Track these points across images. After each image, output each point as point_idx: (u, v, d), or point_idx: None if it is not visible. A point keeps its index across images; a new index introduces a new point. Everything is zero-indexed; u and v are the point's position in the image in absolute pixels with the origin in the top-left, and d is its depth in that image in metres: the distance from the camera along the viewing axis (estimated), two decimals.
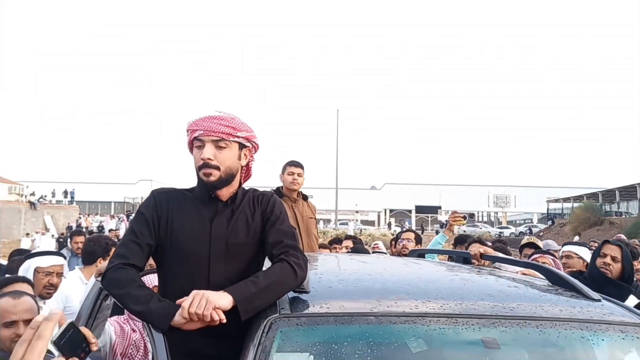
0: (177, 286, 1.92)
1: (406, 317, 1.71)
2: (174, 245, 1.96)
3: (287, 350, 1.63)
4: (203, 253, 1.94)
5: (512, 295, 1.96)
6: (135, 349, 2.28)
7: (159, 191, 2.06)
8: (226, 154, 1.97)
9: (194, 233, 1.96)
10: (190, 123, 1.99)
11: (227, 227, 1.98)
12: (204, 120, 1.96)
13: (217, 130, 1.95)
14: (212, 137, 1.95)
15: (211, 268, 1.93)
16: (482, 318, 1.73)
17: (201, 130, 1.95)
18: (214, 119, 1.96)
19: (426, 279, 2.20)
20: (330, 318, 1.70)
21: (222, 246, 1.95)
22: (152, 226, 1.97)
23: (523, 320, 1.75)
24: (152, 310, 1.77)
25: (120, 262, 1.89)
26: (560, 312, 1.85)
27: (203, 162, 1.95)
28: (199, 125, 1.96)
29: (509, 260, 2.90)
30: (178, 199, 2.03)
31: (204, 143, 1.96)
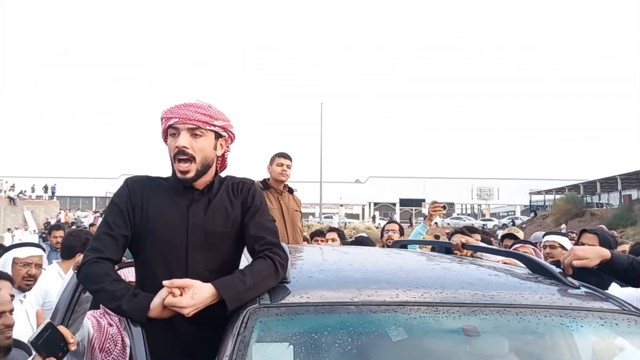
0: (155, 277, 1.88)
1: (387, 306, 1.70)
2: (150, 235, 1.92)
3: (266, 341, 1.62)
4: (180, 242, 1.91)
5: (492, 284, 1.97)
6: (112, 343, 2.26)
7: (132, 179, 2.01)
8: (202, 143, 1.92)
9: (171, 222, 1.92)
10: (165, 111, 1.95)
11: (205, 216, 1.94)
12: (180, 107, 1.92)
13: (193, 118, 1.90)
14: (188, 125, 1.90)
15: (189, 258, 1.90)
16: (463, 306, 1.74)
17: (176, 117, 1.90)
18: (190, 107, 1.92)
19: (407, 268, 2.20)
20: (311, 308, 1.69)
21: (200, 235, 1.92)
22: (126, 216, 1.92)
23: (503, 308, 1.76)
24: (128, 304, 1.75)
25: (95, 256, 1.85)
26: (540, 300, 1.86)
27: (178, 150, 1.90)
28: (174, 112, 1.91)
29: (490, 249, 2.91)
30: (153, 187, 1.98)
31: (179, 131, 1.91)
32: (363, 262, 2.31)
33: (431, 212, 4.08)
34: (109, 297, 1.79)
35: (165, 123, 1.95)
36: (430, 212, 4.09)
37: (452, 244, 2.95)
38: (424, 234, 4.02)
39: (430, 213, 4.09)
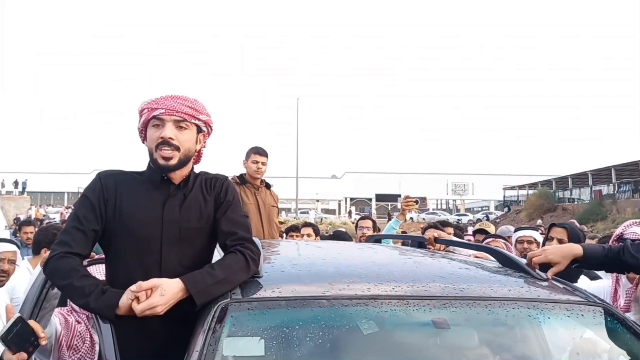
0: (128, 273, 1.86)
1: (358, 299, 1.71)
2: (123, 231, 1.90)
3: (238, 335, 1.62)
4: (155, 238, 1.88)
5: (462, 277, 2.00)
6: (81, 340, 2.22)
7: (105, 173, 1.98)
8: (186, 135, 1.93)
9: (145, 217, 1.89)
10: (149, 101, 1.93)
11: (180, 211, 1.92)
12: (167, 99, 1.91)
13: (180, 110, 1.90)
14: (174, 117, 1.89)
15: (163, 254, 1.88)
16: (433, 299, 1.76)
17: (163, 108, 1.89)
18: (177, 99, 1.91)
19: (379, 262, 2.21)
20: (282, 302, 1.69)
21: (174, 231, 1.90)
22: (97, 211, 1.89)
23: (473, 300, 1.78)
24: (96, 301, 1.73)
25: (63, 251, 1.82)
26: (508, 292, 1.90)
27: (162, 140, 1.88)
28: (161, 103, 1.90)
29: (462, 243, 2.95)
30: (127, 181, 1.96)
31: (164, 122, 1.89)
32: (335, 256, 2.32)
33: (404, 207, 4.11)
34: (77, 293, 1.76)
35: (148, 113, 1.91)
36: (402, 206, 4.13)
37: (424, 238, 2.98)
38: (397, 229, 4.05)
39: (403, 208, 4.12)
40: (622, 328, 1.84)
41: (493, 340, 1.83)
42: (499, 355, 1.78)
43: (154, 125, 1.91)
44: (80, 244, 1.86)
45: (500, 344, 1.83)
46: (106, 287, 1.79)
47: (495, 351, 1.79)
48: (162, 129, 1.90)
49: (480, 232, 4.98)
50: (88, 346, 2.19)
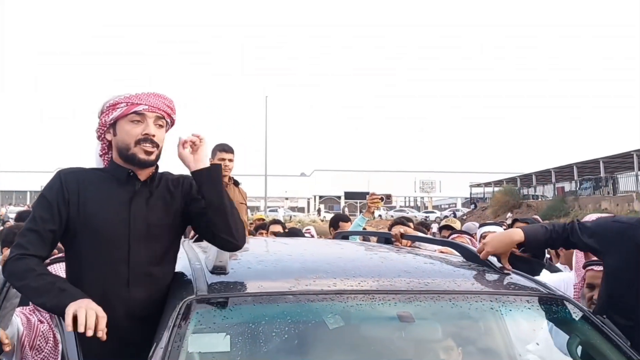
0: (94, 272, 1.84)
1: (324, 294, 1.72)
2: (89, 229, 1.85)
3: (203, 332, 1.62)
4: (122, 236, 1.85)
5: (427, 272, 2.03)
6: (44, 340, 2.18)
7: (66, 171, 1.93)
8: (162, 134, 1.94)
9: (112, 215, 1.86)
10: (127, 95, 1.90)
11: (147, 208, 1.90)
12: (149, 96, 1.90)
13: (162, 109, 1.91)
14: (156, 114, 1.90)
15: (131, 251, 1.86)
16: (398, 294, 1.78)
17: (146, 105, 1.88)
18: (158, 97, 1.92)
19: (346, 258, 2.23)
20: (248, 298, 1.70)
21: (142, 228, 1.88)
22: (56, 210, 1.84)
23: (437, 294, 1.81)
24: (52, 301, 1.70)
25: (19, 253, 1.78)
26: (471, 286, 1.94)
27: (145, 137, 1.87)
28: (143, 99, 1.89)
29: (427, 239, 2.99)
30: (89, 178, 1.91)
31: (144, 119, 1.88)
32: (302, 252, 2.33)
33: (369, 204, 4.14)
34: (33, 293, 1.73)
35: (128, 108, 1.88)
36: (368, 204, 4.16)
37: (391, 234, 3.01)
38: (363, 225, 4.08)
39: (369, 205, 4.15)
40: (580, 319, 1.90)
41: (457, 332, 1.87)
42: (463, 347, 1.82)
43: (133, 121, 1.89)
44: (36, 246, 1.80)
45: (464, 337, 1.87)
46: (64, 285, 1.75)
47: (459, 343, 1.83)
48: (142, 125, 1.88)
49: (446, 228, 5.05)
50: (51, 346, 2.15)
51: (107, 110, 1.92)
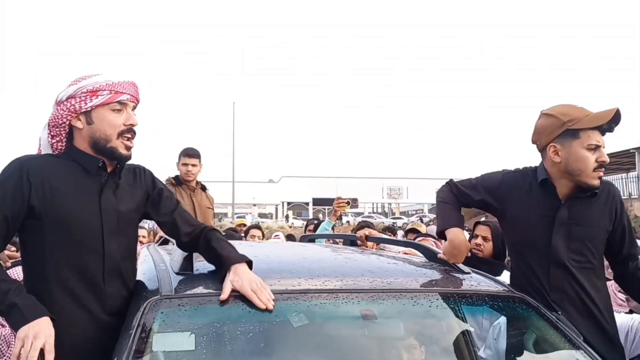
0: (69, 268, 1.75)
1: (288, 294, 1.75)
2: (59, 221, 1.74)
3: (168, 331, 1.62)
4: (96, 228, 1.79)
5: (390, 271, 2.07)
6: (5, 344, 2.15)
7: (27, 157, 1.80)
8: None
9: (84, 206, 1.78)
10: (114, 83, 1.81)
11: (115, 200, 1.85)
12: (130, 85, 1.85)
13: (138, 97, 1.88)
14: (134, 104, 1.86)
15: (105, 245, 1.80)
16: (361, 292, 1.82)
17: (129, 94, 1.83)
18: (135, 85, 1.87)
19: (311, 259, 2.26)
20: (213, 298, 1.71)
21: (113, 220, 1.83)
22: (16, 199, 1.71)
23: (399, 292, 1.86)
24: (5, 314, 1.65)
25: None
26: (433, 285, 1.99)
27: (129, 128, 1.83)
28: (127, 89, 1.83)
29: (391, 240, 3.05)
30: (55, 167, 1.80)
31: (124, 107, 1.83)
32: (268, 254, 2.35)
33: (336, 208, 4.20)
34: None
35: (113, 96, 1.80)
36: (335, 207, 4.22)
37: (356, 236, 3.06)
38: (329, 229, 4.12)
39: (335, 209, 4.21)
40: (537, 316, 1.97)
41: (419, 330, 1.92)
42: (424, 344, 1.87)
43: (114, 110, 1.81)
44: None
45: (426, 334, 1.92)
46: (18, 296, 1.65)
47: (420, 340, 1.88)
48: (123, 114, 1.82)
49: (412, 231, 5.15)
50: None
51: (82, 95, 1.79)
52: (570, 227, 2.12)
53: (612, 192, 2.18)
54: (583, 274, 2.11)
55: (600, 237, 2.15)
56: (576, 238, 2.12)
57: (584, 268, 2.12)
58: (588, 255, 2.12)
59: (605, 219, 2.14)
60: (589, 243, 2.12)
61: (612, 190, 2.19)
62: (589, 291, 2.10)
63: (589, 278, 2.12)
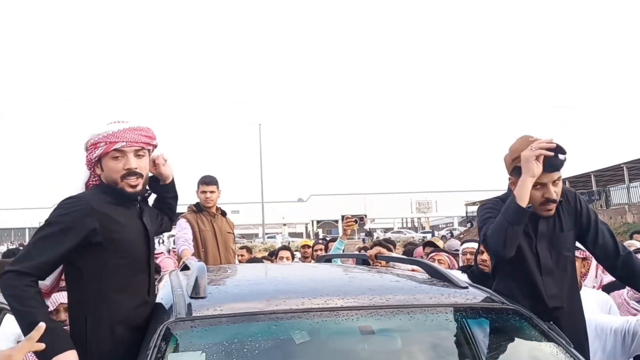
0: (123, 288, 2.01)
1: (292, 313, 1.89)
2: (115, 248, 2.00)
3: (181, 351, 1.78)
4: (144, 251, 2.09)
5: (390, 289, 2.20)
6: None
7: (82, 196, 2.04)
8: (145, 162, 2.10)
9: (133, 232, 2.07)
10: (107, 134, 2.02)
11: (149, 222, 2.14)
12: (125, 132, 2.03)
13: (140, 141, 2.06)
14: (135, 147, 2.04)
15: (150, 263, 2.13)
16: (361, 309, 1.95)
17: (124, 141, 2.02)
18: (134, 131, 2.05)
19: (316, 279, 2.40)
20: (223, 319, 1.86)
21: (152, 242, 2.15)
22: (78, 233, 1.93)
23: (396, 308, 1.98)
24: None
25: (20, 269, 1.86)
26: (429, 300, 2.10)
27: (128, 172, 2.02)
28: (120, 136, 2.02)
29: (397, 258, 3.16)
30: (102, 202, 2.02)
31: (125, 154, 2.03)
32: (277, 276, 2.50)
33: (344, 227, 4.30)
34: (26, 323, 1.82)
35: (108, 146, 2.01)
36: (344, 227, 4.32)
37: (367, 255, 3.19)
38: (342, 248, 4.25)
39: (344, 228, 4.31)
40: (530, 327, 2.06)
41: (414, 343, 2.02)
42: (419, 356, 1.98)
43: (114, 157, 2.03)
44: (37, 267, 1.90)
45: (422, 348, 2.03)
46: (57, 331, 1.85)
47: (416, 352, 1.99)
48: (124, 160, 2.02)
49: (429, 244, 5.24)
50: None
51: (90, 148, 2.06)
52: (551, 238, 2.32)
53: (568, 196, 2.37)
54: (566, 278, 2.34)
55: (572, 239, 2.38)
56: (557, 245, 2.33)
57: (566, 271, 2.35)
58: (569, 257, 2.36)
59: (572, 221, 2.35)
60: (569, 246, 2.36)
61: (567, 194, 2.37)
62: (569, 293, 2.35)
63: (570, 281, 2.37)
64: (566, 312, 2.29)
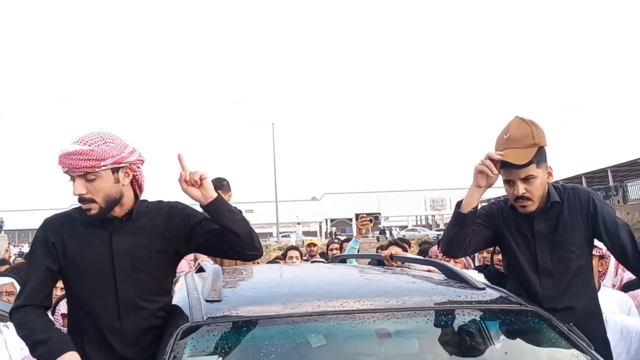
0: (88, 309, 1.98)
1: (308, 316, 1.88)
2: (75, 269, 1.98)
3: (197, 355, 1.77)
4: (107, 272, 1.97)
5: (406, 290, 2.18)
6: None
7: (48, 219, 2.07)
8: (98, 184, 1.92)
9: (95, 253, 1.97)
10: (59, 158, 1.93)
11: (128, 244, 1.99)
12: (64, 157, 1.90)
13: (80, 166, 1.89)
14: (78, 173, 1.91)
15: (118, 286, 1.96)
16: (377, 312, 1.93)
17: (65, 167, 1.91)
18: (72, 155, 1.89)
19: (332, 281, 2.38)
20: (238, 323, 1.86)
21: (126, 263, 1.98)
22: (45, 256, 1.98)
23: (413, 311, 1.96)
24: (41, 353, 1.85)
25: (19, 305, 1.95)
26: (447, 302, 2.08)
27: (78, 196, 1.94)
28: (62, 162, 1.92)
29: (413, 259, 3.14)
30: (71, 222, 2.03)
31: (74, 178, 1.93)
32: (292, 278, 2.49)
33: (359, 226, 4.29)
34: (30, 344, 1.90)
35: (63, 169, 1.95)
36: (358, 226, 4.31)
37: (382, 256, 3.17)
38: (357, 248, 4.24)
39: (359, 227, 4.30)
40: (550, 329, 2.03)
41: (431, 345, 2.00)
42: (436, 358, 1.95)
43: (71, 180, 1.95)
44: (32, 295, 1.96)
45: (438, 349, 2.00)
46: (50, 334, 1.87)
47: (433, 355, 1.97)
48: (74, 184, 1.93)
49: None
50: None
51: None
52: (551, 237, 2.28)
53: (580, 195, 2.31)
54: (569, 279, 2.28)
55: (580, 240, 2.29)
56: (559, 246, 2.27)
57: (569, 272, 2.28)
58: (574, 258, 2.28)
59: (580, 222, 2.28)
60: (573, 248, 2.28)
61: (580, 193, 2.32)
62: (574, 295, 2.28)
63: (575, 282, 2.29)
64: (575, 314, 2.21)
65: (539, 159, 2.22)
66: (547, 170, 2.27)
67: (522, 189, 2.23)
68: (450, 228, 2.35)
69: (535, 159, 2.20)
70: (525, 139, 2.20)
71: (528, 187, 2.23)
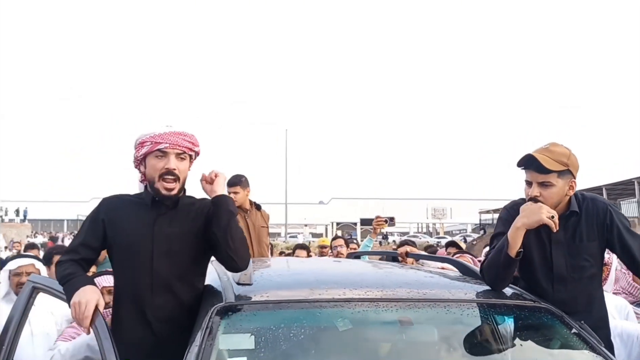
0: (127, 279, 2.09)
1: (335, 302, 1.89)
2: (120, 244, 2.10)
3: (231, 332, 1.79)
4: (147, 250, 2.07)
5: (426, 283, 2.18)
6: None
7: (107, 198, 2.20)
8: (185, 166, 2.13)
9: (138, 232, 2.08)
10: (152, 135, 2.09)
11: (169, 228, 2.09)
12: (170, 135, 2.09)
13: (182, 145, 2.10)
14: (177, 150, 2.09)
15: (154, 264, 2.06)
16: (399, 301, 1.94)
17: (167, 143, 2.07)
18: (179, 135, 2.10)
19: (355, 272, 2.40)
20: (269, 305, 1.87)
21: (164, 244, 2.08)
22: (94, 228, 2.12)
23: (433, 302, 1.97)
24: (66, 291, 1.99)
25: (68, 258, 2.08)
26: (464, 295, 2.09)
27: (167, 171, 2.06)
28: (165, 138, 2.08)
29: (428, 256, 3.14)
30: (124, 203, 2.17)
31: (167, 155, 2.07)
32: (316, 268, 2.50)
33: (375, 226, 4.31)
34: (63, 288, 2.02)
35: (152, 146, 2.08)
36: (374, 225, 4.33)
37: (397, 253, 3.17)
38: (371, 246, 4.25)
39: (374, 227, 4.32)
40: (561, 325, 2.03)
41: (451, 336, 2.01)
42: (455, 348, 1.96)
43: (157, 157, 2.09)
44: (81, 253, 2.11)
45: (457, 340, 2.01)
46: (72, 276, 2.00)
47: (451, 345, 1.98)
48: (165, 160, 2.08)
49: (452, 244, 5.19)
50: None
51: (137, 147, 2.14)
52: (568, 245, 2.25)
53: (597, 207, 2.27)
54: (582, 286, 2.25)
55: (594, 250, 2.27)
56: (575, 254, 2.25)
57: (582, 280, 2.25)
58: (587, 267, 2.26)
59: (596, 233, 2.25)
60: (588, 257, 2.26)
61: (598, 205, 2.28)
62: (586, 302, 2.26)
63: (587, 290, 2.27)
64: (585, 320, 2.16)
65: (562, 172, 2.20)
66: (569, 182, 2.22)
67: (537, 191, 2.22)
68: (501, 271, 2.16)
69: (558, 171, 2.20)
70: (560, 156, 2.19)
71: (543, 191, 2.22)
